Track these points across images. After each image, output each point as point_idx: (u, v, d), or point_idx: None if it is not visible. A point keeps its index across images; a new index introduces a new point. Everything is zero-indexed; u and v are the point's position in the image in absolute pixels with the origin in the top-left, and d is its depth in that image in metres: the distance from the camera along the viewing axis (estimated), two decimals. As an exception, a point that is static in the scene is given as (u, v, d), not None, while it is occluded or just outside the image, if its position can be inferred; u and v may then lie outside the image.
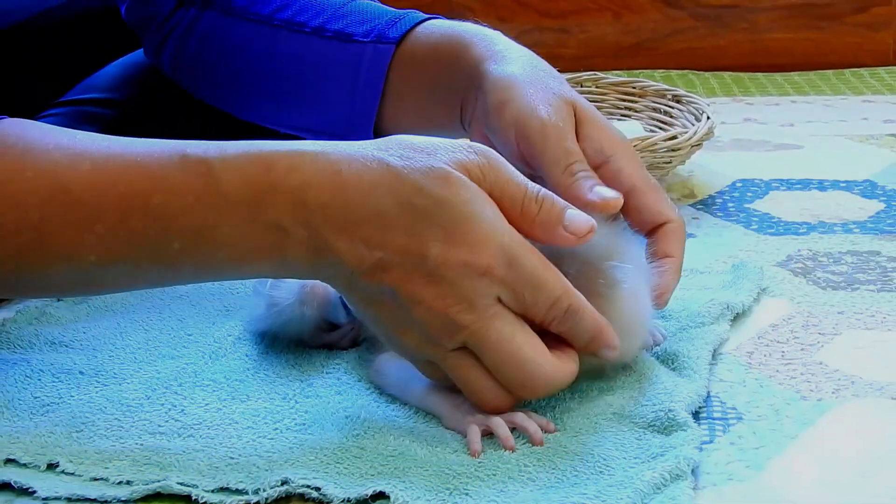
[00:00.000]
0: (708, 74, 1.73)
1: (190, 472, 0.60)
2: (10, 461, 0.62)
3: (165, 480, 0.59)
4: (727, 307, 0.79)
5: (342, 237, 0.61)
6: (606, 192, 0.69)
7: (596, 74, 1.30)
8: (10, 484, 0.60)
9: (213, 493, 0.59)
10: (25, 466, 0.62)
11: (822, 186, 1.12)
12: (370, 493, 0.58)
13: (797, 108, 1.51)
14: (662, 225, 0.72)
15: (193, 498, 0.59)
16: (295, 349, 0.75)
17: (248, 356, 0.75)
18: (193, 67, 0.96)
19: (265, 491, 0.58)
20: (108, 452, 0.63)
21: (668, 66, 1.78)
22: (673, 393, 0.66)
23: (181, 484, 0.59)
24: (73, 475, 0.61)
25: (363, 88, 0.86)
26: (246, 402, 0.68)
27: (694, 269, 0.86)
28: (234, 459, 0.62)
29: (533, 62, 0.76)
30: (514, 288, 0.61)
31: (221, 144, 0.63)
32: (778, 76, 1.70)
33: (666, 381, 0.67)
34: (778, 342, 0.76)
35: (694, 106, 1.17)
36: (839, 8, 1.77)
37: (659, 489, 0.57)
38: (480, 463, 0.60)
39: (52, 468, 0.62)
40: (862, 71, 1.72)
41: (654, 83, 1.26)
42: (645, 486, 0.57)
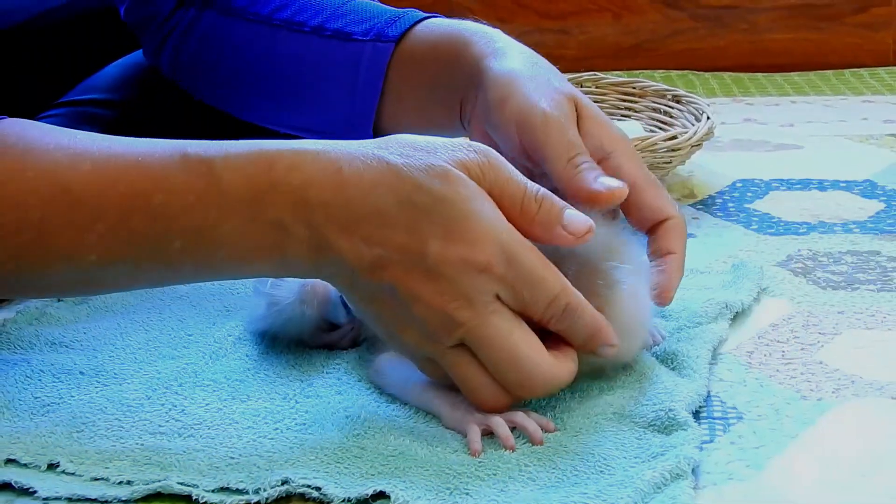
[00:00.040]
0: (708, 75, 1.73)
1: (190, 471, 0.60)
2: (10, 461, 0.62)
3: (166, 480, 0.59)
4: (726, 306, 0.79)
5: (343, 235, 0.61)
6: (611, 181, 0.69)
7: (596, 75, 1.30)
8: (10, 484, 0.60)
9: (213, 492, 0.59)
10: (26, 466, 0.62)
11: (822, 186, 1.12)
12: (370, 492, 0.58)
13: (797, 108, 1.51)
14: (663, 222, 0.72)
15: (194, 498, 0.59)
16: (295, 349, 0.75)
17: (248, 356, 0.75)
18: (193, 68, 0.96)
19: (265, 491, 0.58)
20: (108, 452, 0.63)
21: (668, 66, 1.78)
22: (673, 392, 0.66)
23: (181, 484, 0.59)
24: (73, 475, 0.61)
25: (362, 87, 0.86)
26: (246, 401, 0.68)
27: (694, 269, 0.86)
28: (234, 459, 0.62)
29: (533, 59, 0.76)
30: (512, 285, 0.61)
31: (222, 144, 0.63)
32: (778, 76, 1.71)
33: (666, 380, 0.68)
34: (778, 342, 0.76)
35: (694, 106, 1.17)
36: (839, 8, 1.77)
37: (659, 488, 0.57)
38: (481, 462, 0.60)
39: (52, 468, 0.62)
40: (862, 71, 1.72)
41: (654, 83, 1.26)
42: (645, 485, 0.57)
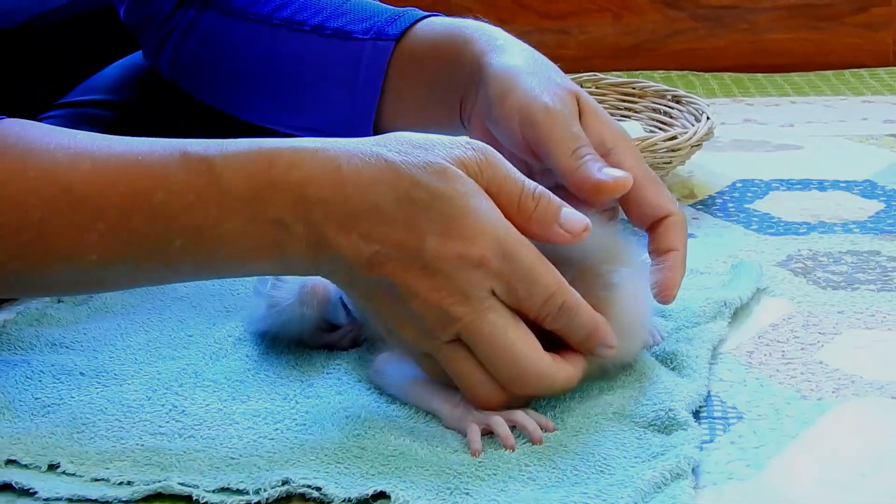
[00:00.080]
0: (708, 75, 1.73)
1: (191, 472, 0.60)
2: (11, 462, 0.62)
3: (166, 481, 0.59)
4: (724, 304, 0.79)
5: (341, 232, 0.61)
6: (616, 171, 0.69)
7: (596, 75, 1.30)
8: (11, 485, 0.60)
9: (213, 493, 0.59)
10: (26, 467, 0.62)
11: (822, 186, 1.12)
12: (371, 492, 0.58)
13: (797, 108, 1.51)
14: (664, 219, 0.72)
15: (194, 498, 0.59)
16: (295, 350, 0.75)
17: (248, 357, 0.75)
18: (192, 68, 0.96)
19: (266, 491, 0.58)
20: (108, 453, 0.63)
21: (667, 66, 1.78)
22: (673, 392, 0.66)
23: (182, 484, 0.59)
24: (74, 476, 0.61)
25: (363, 86, 0.86)
26: (246, 402, 0.68)
27: (694, 269, 0.86)
28: (234, 459, 0.62)
29: (535, 56, 0.76)
30: (508, 281, 0.61)
31: (221, 142, 0.63)
32: (778, 77, 1.71)
33: (666, 380, 0.68)
34: (778, 342, 0.76)
35: (694, 106, 1.17)
36: (839, 8, 1.77)
37: (659, 488, 0.57)
38: (481, 462, 0.61)
39: (53, 469, 0.62)
40: (862, 71, 1.72)
41: (653, 84, 1.26)
42: (645, 485, 0.57)
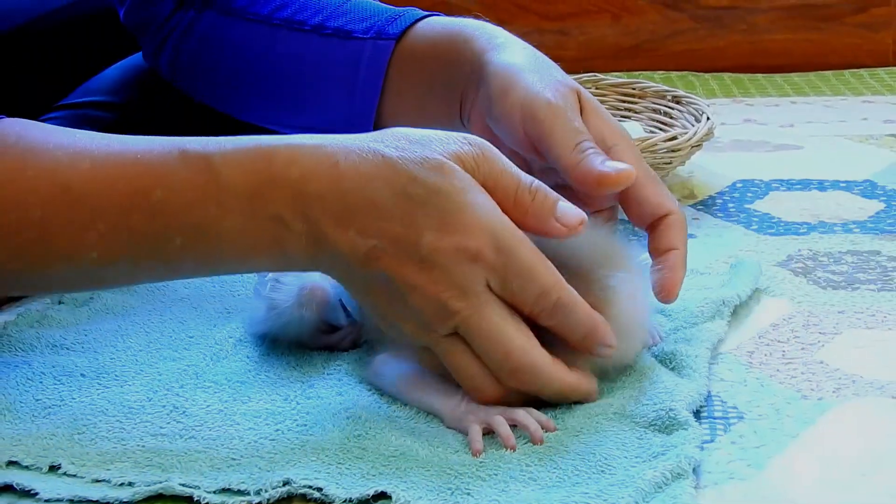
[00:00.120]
0: (707, 76, 1.73)
1: (192, 473, 0.60)
2: (12, 463, 0.62)
3: (167, 482, 0.59)
4: (723, 303, 0.79)
5: (338, 227, 0.61)
6: (618, 164, 0.69)
7: (596, 76, 1.30)
8: (12, 486, 0.60)
9: (214, 493, 0.59)
10: (27, 468, 0.62)
11: (822, 187, 1.12)
12: (372, 493, 0.58)
13: (797, 108, 1.51)
14: (664, 217, 0.71)
15: (195, 499, 0.59)
16: (296, 351, 0.75)
17: (249, 358, 0.75)
18: (192, 69, 0.96)
19: (267, 491, 0.58)
20: (109, 454, 0.63)
21: (667, 67, 1.78)
22: (674, 392, 0.66)
23: (183, 485, 0.59)
24: (74, 477, 0.61)
25: (363, 86, 0.86)
26: (247, 403, 0.68)
27: (694, 269, 0.86)
28: (235, 460, 0.62)
29: (535, 54, 0.77)
30: (503, 276, 0.61)
31: (220, 140, 0.63)
32: (777, 77, 1.71)
33: (667, 380, 0.68)
34: (778, 341, 0.76)
35: (694, 107, 1.17)
36: (838, 9, 1.78)
37: (660, 488, 0.57)
38: (482, 463, 0.61)
39: (53, 470, 0.62)
40: (861, 71, 1.72)
41: (653, 84, 1.26)
42: (646, 485, 0.57)
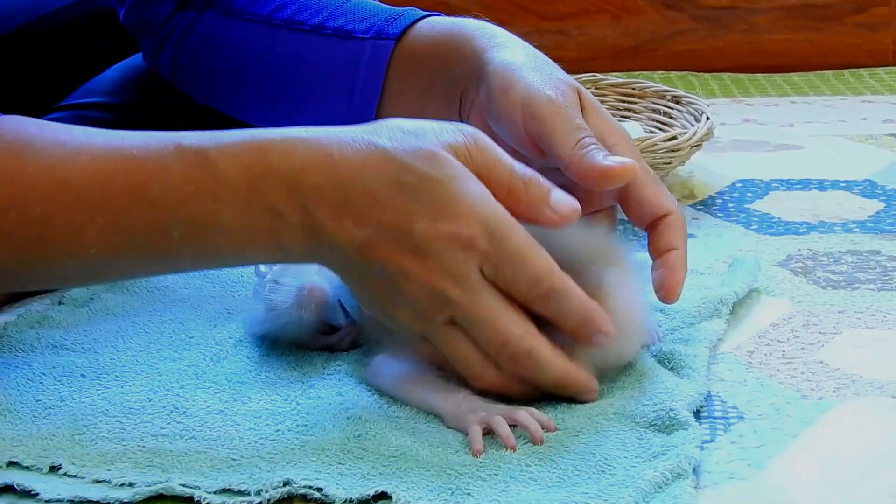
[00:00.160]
0: (707, 76, 1.73)
1: (192, 473, 0.61)
2: (12, 464, 0.62)
3: (168, 482, 0.59)
4: (720, 302, 0.79)
5: (334, 217, 0.62)
6: (621, 158, 0.69)
7: (595, 76, 1.30)
8: (12, 486, 0.60)
9: (215, 494, 0.59)
10: (28, 469, 0.62)
11: (821, 186, 1.12)
12: (372, 493, 0.58)
13: (797, 108, 1.51)
14: (663, 217, 0.71)
15: (196, 499, 0.59)
16: (296, 351, 0.75)
17: (249, 358, 0.75)
18: (192, 69, 0.96)
19: (267, 492, 0.59)
20: (110, 454, 0.63)
21: (667, 67, 1.78)
22: (674, 392, 0.66)
23: (183, 485, 0.59)
24: (75, 477, 0.61)
25: (362, 86, 0.86)
26: (247, 403, 0.68)
27: (694, 269, 0.86)
28: (235, 461, 0.62)
29: (536, 53, 0.77)
30: (495, 263, 0.62)
31: (215, 134, 0.64)
32: (777, 77, 1.71)
33: (667, 380, 0.68)
34: (778, 341, 0.76)
35: (693, 107, 1.17)
36: (838, 9, 1.78)
37: (660, 488, 0.57)
38: (482, 463, 0.61)
39: (54, 470, 0.62)
40: (861, 71, 1.72)
41: (653, 84, 1.26)
42: (646, 484, 0.57)
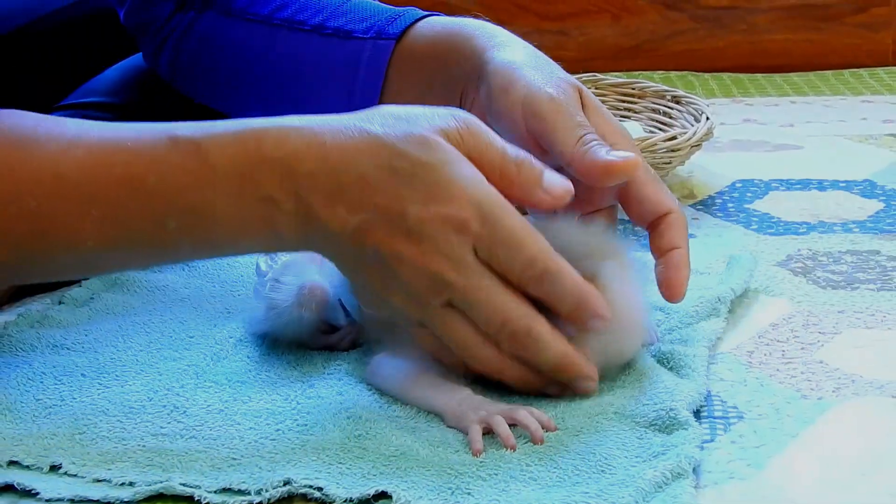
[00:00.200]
0: (707, 76, 1.73)
1: (192, 472, 0.61)
2: (13, 463, 0.62)
3: (168, 481, 0.59)
4: (718, 300, 0.79)
5: (327, 204, 0.62)
6: (623, 152, 0.69)
7: (595, 76, 1.30)
8: (13, 486, 0.60)
9: (215, 493, 0.59)
10: (28, 468, 0.62)
11: (821, 186, 1.12)
12: (372, 492, 0.58)
13: (796, 108, 1.51)
14: (665, 216, 0.71)
15: (196, 498, 0.59)
16: (296, 351, 0.75)
17: (249, 358, 0.75)
18: (192, 69, 0.96)
19: (267, 491, 0.59)
20: (110, 454, 0.63)
21: (667, 67, 1.78)
22: (674, 392, 0.66)
23: (184, 485, 0.59)
24: (75, 477, 0.61)
25: (362, 85, 0.87)
26: (248, 403, 0.68)
27: (694, 270, 0.85)
28: (236, 460, 0.62)
29: (536, 53, 0.77)
30: (489, 245, 0.62)
31: (209, 124, 0.65)
32: (777, 77, 1.71)
33: (667, 380, 0.68)
34: (778, 341, 0.76)
35: (693, 107, 1.17)
36: (838, 9, 1.78)
37: (660, 488, 0.57)
38: (482, 462, 0.61)
39: (54, 470, 0.62)
40: (861, 71, 1.72)
41: (653, 84, 1.26)
42: (646, 484, 0.57)
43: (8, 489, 0.60)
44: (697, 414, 0.66)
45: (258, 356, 0.75)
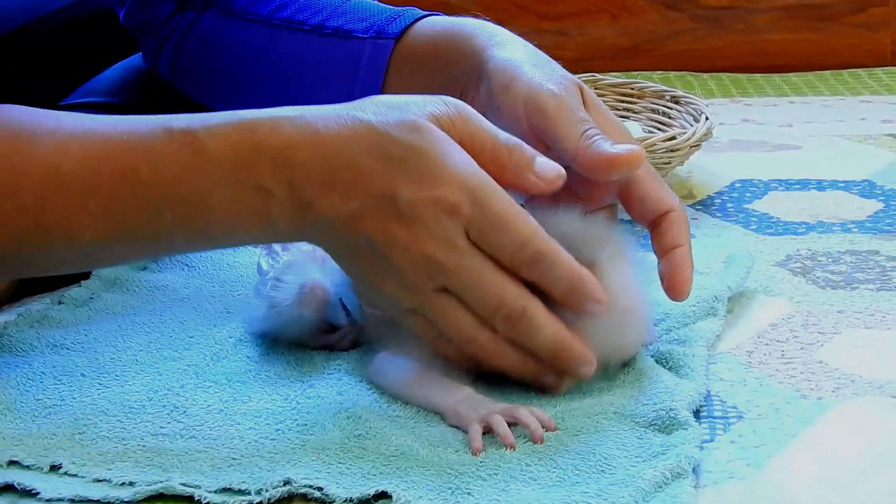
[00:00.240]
0: (706, 76, 1.73)
1: (192, 472, 0.61)
2: (13, 463, 0.62)
3: (168, 481, 0.59)
4: (715, 299, 0.79)
5: (321, 192, 0.63)
6: (627, 145, 0.69)
7: (594, 76, 1.30)
8: (13, 486, 0.60)
9: (215, 493, 0.59)
10: (28, 468, 0.62)
11: (820, 186, 1.12)
12: (372, 492, 0.58)
13: (795, 108, 1.51)
14: (666, 214, 0.71)
15: (196, 498, 0.59)
16: (296, 350, 0.75)
17: (249, 357, 0.75)
18: (191, 69, 0.96)
19: (267, 491, 0.59)
20: (110, 454, 0.63)
21: (666, 67, 1.78)
22: (674, 392, 0.66)
23: (184, 485, 0.59)
24: (75, 476, 0.61)
25: (362, 85, 0.87)
26: (248, 402, 0.69)
27: (694, 269, 0.86)
28: (236, 460, 0.62)
29: (536, 51, 0.77)
30: (480, 228, 0.62)
31: (204, 115, 0.65)
32: (776, 77, 1.71)
33: (666, 379, 0.68)
34: (778, 341, 0.76)
35: (692, 107, 1.17)
36: (837, 9, 1.78)
37: (660, 487, 0.57)
38: (482, 462, 0.61)
39: (54, 470, 0.62)
40: (860, 71, 1.72)
41: (652, 84, 1.26)
42: (646, 484, 0.57)
43: (8, 489, 0.61)
44: (697, 414, 0.66)
45: (258, 356, 0.75)
